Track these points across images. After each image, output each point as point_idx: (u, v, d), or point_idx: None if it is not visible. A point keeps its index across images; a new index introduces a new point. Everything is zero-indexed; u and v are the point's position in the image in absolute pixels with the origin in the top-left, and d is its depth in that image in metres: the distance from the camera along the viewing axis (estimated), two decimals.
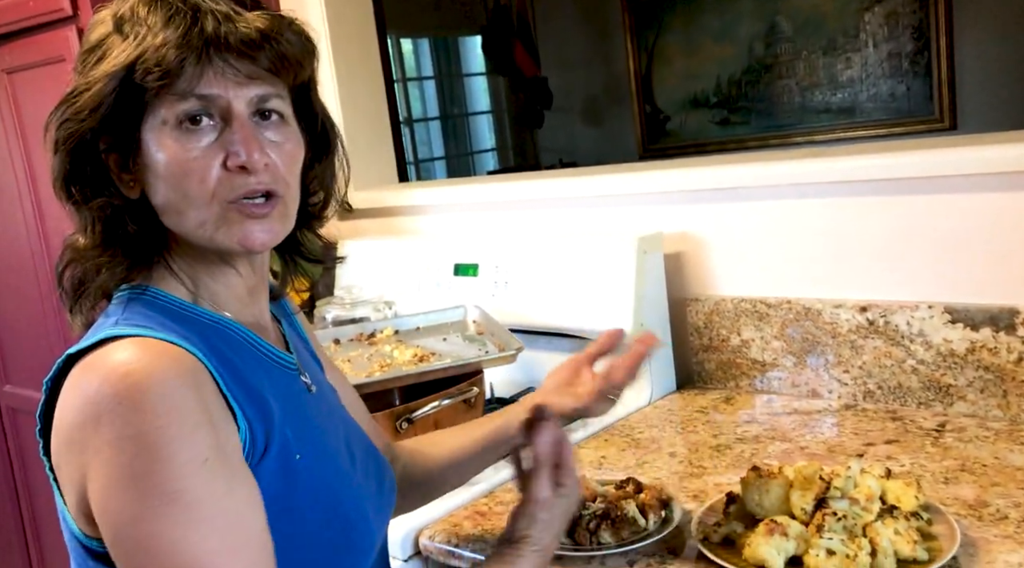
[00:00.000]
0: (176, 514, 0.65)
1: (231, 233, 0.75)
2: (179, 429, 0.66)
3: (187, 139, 0.73)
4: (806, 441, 1.30)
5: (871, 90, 3.92)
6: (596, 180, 1.72)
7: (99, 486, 0.67)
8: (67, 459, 0.70)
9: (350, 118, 2.11)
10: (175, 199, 0.74)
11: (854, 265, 1.43)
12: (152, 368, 0.67)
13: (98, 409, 0.66)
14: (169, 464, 0.65)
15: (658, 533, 1.05)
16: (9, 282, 2.22)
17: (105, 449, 0.66)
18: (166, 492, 0.65)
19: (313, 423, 0.82)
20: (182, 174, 0.73)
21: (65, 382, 0.71)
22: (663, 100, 4.55)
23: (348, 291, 1.80)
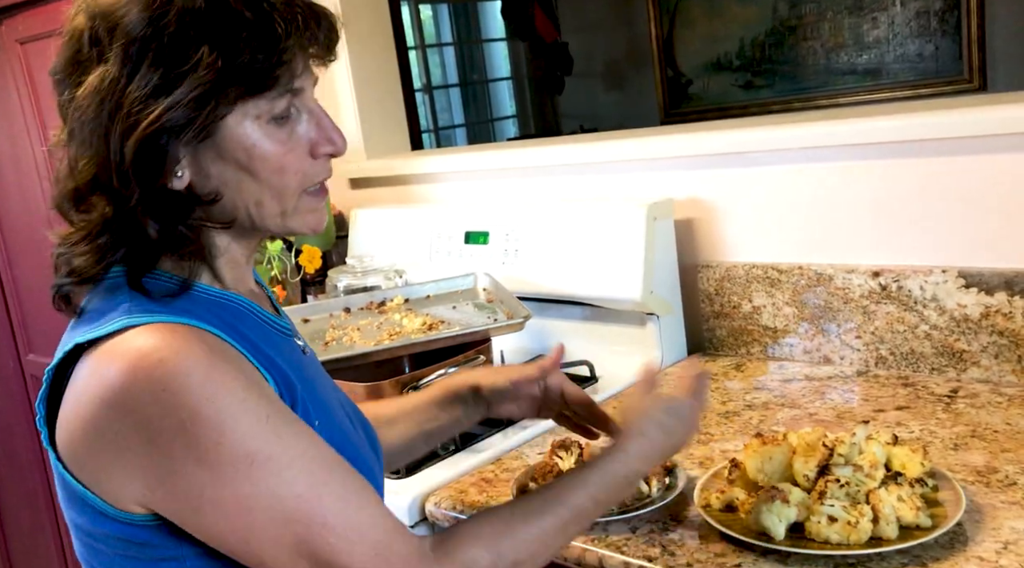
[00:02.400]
0: (258, 473, 0.68)
1: (305, 220, 0.77)
2: (232, 398, 0.68)
3: (280, 133, 0.73)
4: (815, 407, 1.29)
5: (898, 50, 3.83)
6: (606, 146, 1.70)
7: (165, 473, 0.67)
8: (95, 453, 0.69)
9: (362, 86, 2.09)
10: (261, 192, 0.74)
11: (866, 230, 1.41)
12: (185, 350, 0.67)
13: (136, 400, 0.66)
14: (235, 433, 0.67)
15: (661, 500, 1.05)
16: (29, 253, 2.25)
17: (161, 437, 0.66)
18: (242, 457, 0.67)
19: (317, 386, 0.83)
20: (278, 168, 0.73)
21: (77, 372, 0.70)
22: (685, 64, 4.48)
23: (359, 260, 1.80)
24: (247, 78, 0.70)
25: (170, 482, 0.68)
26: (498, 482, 1.19)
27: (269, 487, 0.68)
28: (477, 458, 1.26)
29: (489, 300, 1.57)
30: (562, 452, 1.15)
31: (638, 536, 1.00)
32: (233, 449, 0.67)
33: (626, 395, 1.00)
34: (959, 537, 0.91)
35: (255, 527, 0.68)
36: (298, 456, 0.70)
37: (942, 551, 0.89)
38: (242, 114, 0.71)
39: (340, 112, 2.13)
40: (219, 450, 0.67)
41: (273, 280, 1.88)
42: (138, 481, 0.69)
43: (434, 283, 1.65)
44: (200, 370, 0.67)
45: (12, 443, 2.37)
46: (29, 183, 2.16)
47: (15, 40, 2.02)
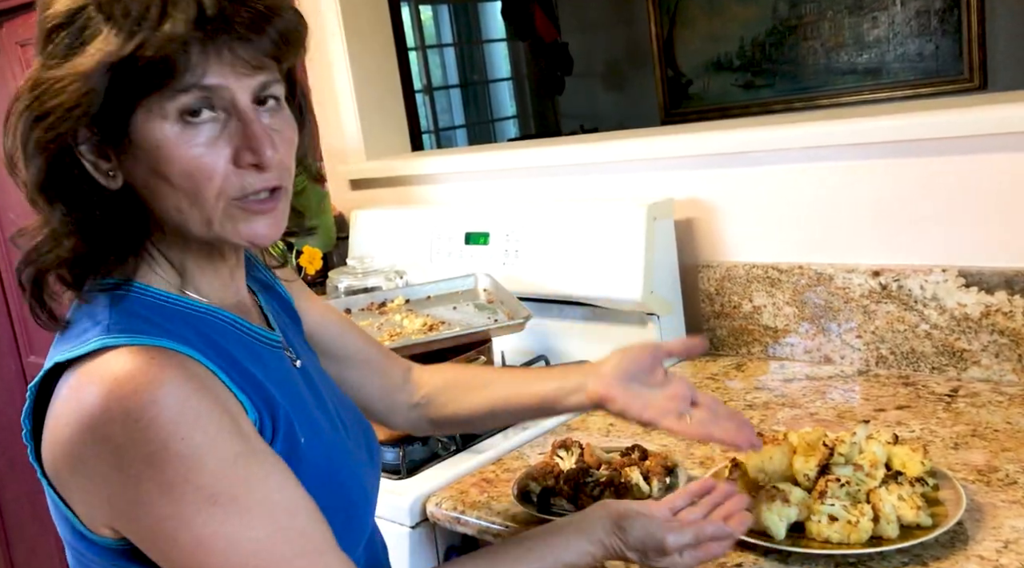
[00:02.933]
0: (219, 515, 0.66)
1: (237, 230, 0.72)
2: (203, 435, 0.66)
3: (189, 134, 0.68)
4: (816, 407, 1.29)
5: (898, 50, 3.83)
6: (606, 146, 1.70)
7: (130, 502, 0.66)
8: (72, 474, 0.69)
9: (361, 87, 2.10)
10: (177, 197, 0.70)
11: (867, 229, 1.41)
12: (160, 379, 0.66)
13: (110, 428, 0.65)
14: (202, 471, 0.66)
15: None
16: None
17: (130, 467, 0.65)
18: (205, 497, 0.66)
19: (305, 401, 0.82)
20: (187, 173, 0.69)
21: (58, 390, 0.69)
22: (685, 63, 4.48)
23: (360, 261, 1.80)
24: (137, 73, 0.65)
25: (134, 511, 0.67)
26: (499, 482, 1.19)
27: (227, 530, 0.66)
28: (478, 458, 1.26)
29: (490, 301, 1.58)
30: (563, 452, 1.15)
31: None
32: (197, 488, 0.65)
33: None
34: (960, 536, 0.91)
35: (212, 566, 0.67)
36: (260, 500, 0.68)
37: (943, 550, 0.89)
38: (147, 111, 0.67)
39: (340, 113, 2.13)
40: (184, 487, 0.65)
41: None
42: (107, 506, 0.68)
43: (434, 284, 1.65)
44: (173, 403, 0.65)
45: (13, 443, 2.38)
46: None
47: (15, 42, 2.02)
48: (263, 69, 0.70)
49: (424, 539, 1.19)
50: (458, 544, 1.20)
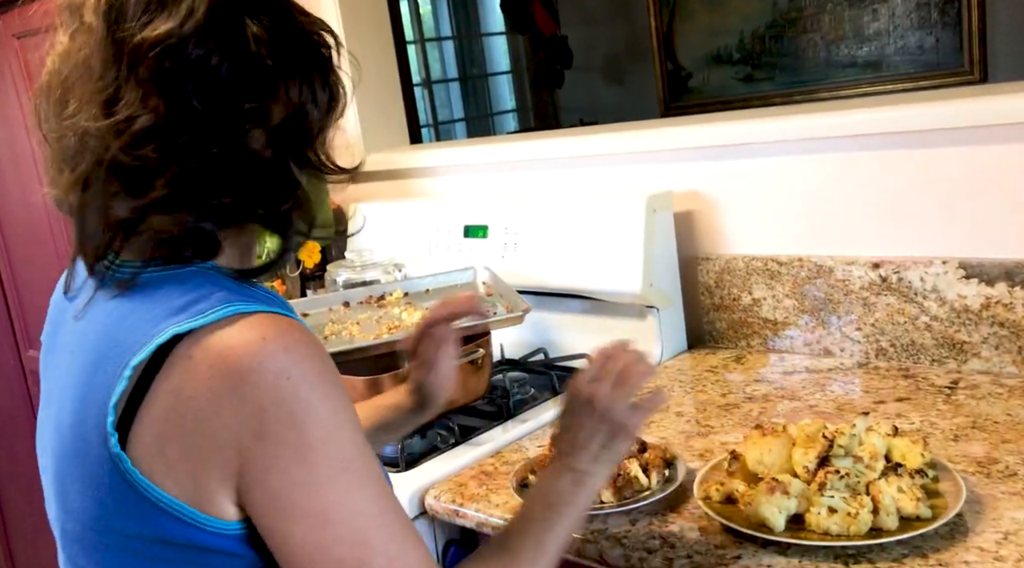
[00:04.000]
0: (348, 483, 0.67)
1: None
2: (340, 402, 0.67)
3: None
4: (816, 399, 1.29)
5: (898, 43, 3.82)
6: (605, 138, 1.70)
7: (262, 468, 0.65)
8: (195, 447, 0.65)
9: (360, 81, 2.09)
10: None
11: (867, 221, 1.40)
12: (306, 341, 0.67)
13: (258, 389, 0.64)
14: (341, 436, 0.67)
15: (660, 492, 1.05)
16: (29, 249, 2.25)
17: (277, 426, 0.64)
18: (339, 463, 0.66)
19: None
20: None
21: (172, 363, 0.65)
22: (685, 57, 4.46)
23: (359, 254, 1.79)
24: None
25: (266, 478, 0.65)
26: (498, 475, 1.18)
27: (353, 499, 0.67)
28: (477, 451, 1.26)
29: (488, 294, 1.57)
30: None
31: (638, 528, 1.00)
32: (335, 452, 0.66)
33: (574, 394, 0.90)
34: (959, 528, 0.90)
35: (326, 540, 0.66)
36: (376, 475, 0.69)
37: (942, 542, 0.88)
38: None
39: None
40: (323, 450, 0.66)
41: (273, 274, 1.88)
42: (234, 479, 0.66)
43: (433, 277, 1.65)
44: (318, 366, 0.66)
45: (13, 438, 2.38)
46: (27, 179, 2.15)
47: (12, 35, 2.02)
48: None
49: (423, 532, 1.18)
50: (457, 537, 1.20)
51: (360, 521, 0.67)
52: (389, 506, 0.70)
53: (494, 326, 1.41)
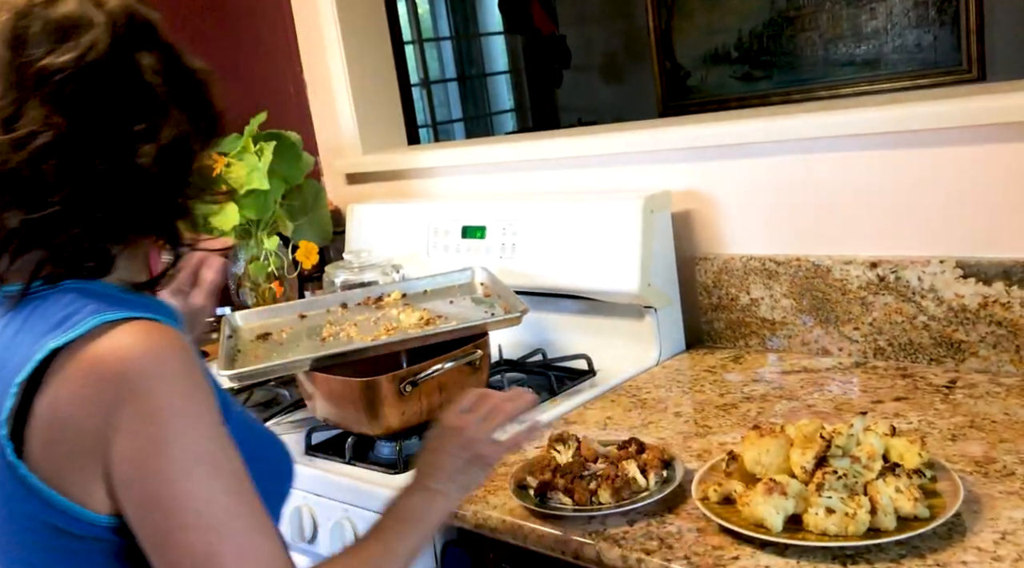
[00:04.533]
0: (204, 474, 0.73)
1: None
2: (203, 397, 0.74)
3: None
4: (813, 399, 1.29)
5: (896, 41, 3.81)
6: (602, 139, 1.70)
7: (131, 456, 0.72)
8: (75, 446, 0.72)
9: (358, 81, 2.09)
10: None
11: (864, 221, 1.40)
12: (164, 345, 0.73)
13: (121, 390, 0.71)
14: (197, 429, 0.73)
15: (658, 493, 1.05)
16: None
17: (136, 421, 0.71)
18: (195, 455, 0.73)
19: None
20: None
21: (51, 376, 0.72)
22: (683, 56, 4.46)
23: (356, 255, 1.79)
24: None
25: (126, 470, 0.72)
26: (495, 476, 1.18)
27: (206, 490, 0.73)
28: None
29: (487, 294, 1.57)
30: (559, 446, 1.15)
31: (636, 529, 1.00)
32: (191, 445, 0.72)
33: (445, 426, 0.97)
34: (957, 528, 0.90)
35: (178, 527, 0.72)
36: (234, 467, 0.75)
37: (940, 542, 0.88)
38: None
39: (336, 107, 2.12)
40: (179, 443, 0.72)
41: (270, 276, 1.88)
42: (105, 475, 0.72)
43: (431, 278, 1.65)
44: (178, 366, 0.73)
45: None
46: None
47: None
48: None
49: None
50: (455, 538, 1.20)
51: (211, 510, 0.73)
52: (243, 499, 0.75)
53: (492, 327, 1.41)
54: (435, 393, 1.31)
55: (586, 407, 1.39)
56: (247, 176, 1.77)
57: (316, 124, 2.18)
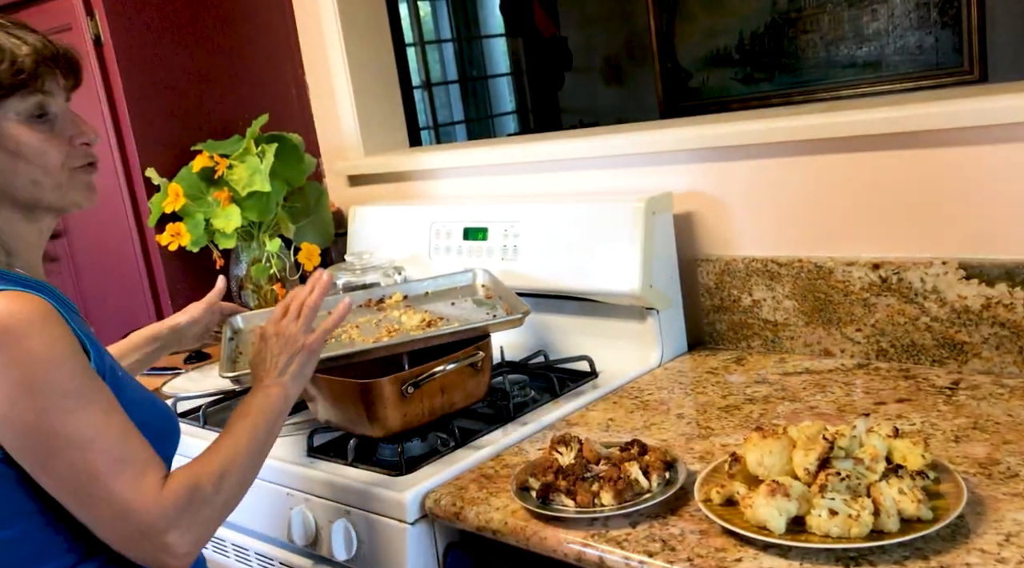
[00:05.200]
0: (71, 405, 0.89)
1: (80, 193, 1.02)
2: (63, 347, 0.90)
3: (40, 127, 0.97)
4: (816, 401, 1.29)
5: (898, 42, 3.81)
6: (604, 141, 1.70)
7: (3, 398, 0.87)
8: None
9: (359, 83, 2.09)
10: (31, 171, 0.97)
11: (866, 222, 1.40)
12: (28, 307, 0.89)
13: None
14: (59, 371, 0.89)
15: (661, 495, 1.04)
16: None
17: (4, 370, 0.86)
18: (61, 391, 0.89)
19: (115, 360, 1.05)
20: (42, 152, 0.97)
21: None
22: (685, 57, 4.46)
23: (359, 257, 1.80)
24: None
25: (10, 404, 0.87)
26: (498, 478, 1.18)
27: (76, 417, 0.89)
28: (477, 454, 1.26)
29: (488, 296, 1.57)
30: (562, 448, 1.15)
31: (638, 531, 1.00)
32: (58, 382, 0.88)
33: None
34: (961, 529, 0.90)
35: (57, 449, 0.89)
36: (100, 399, 0.91)
37: (944, 544, 0.88)
38: (3, 113, 0.94)
39: (338, 109, 2.12)
40: (48, 382, 0.88)
41: (272, 278, 1.88)
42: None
43: (432, 280, 1.65)
44: (41, 322, 0.89)
45: None
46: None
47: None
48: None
49: (423, 535, 1.18)
50: (457, 540, 1.20)
51: (82, 432, 0.89)
52: (112, 420, 0.91)
53: (493, 328, 1.41)
54: (437, 395, 1.31)
55: (588, 409, 1.39)
56: (249, 178, 1.77)
57: (318, 126, 2.18)
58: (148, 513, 0.91)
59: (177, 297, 1.97)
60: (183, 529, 0.92)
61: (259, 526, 1.38)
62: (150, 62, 1.91)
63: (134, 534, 0.92)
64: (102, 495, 0.90)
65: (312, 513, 1.27)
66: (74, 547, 0.95)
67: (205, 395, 1.58)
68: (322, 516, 1.26)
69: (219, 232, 1.79)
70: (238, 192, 1.78)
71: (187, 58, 1.96)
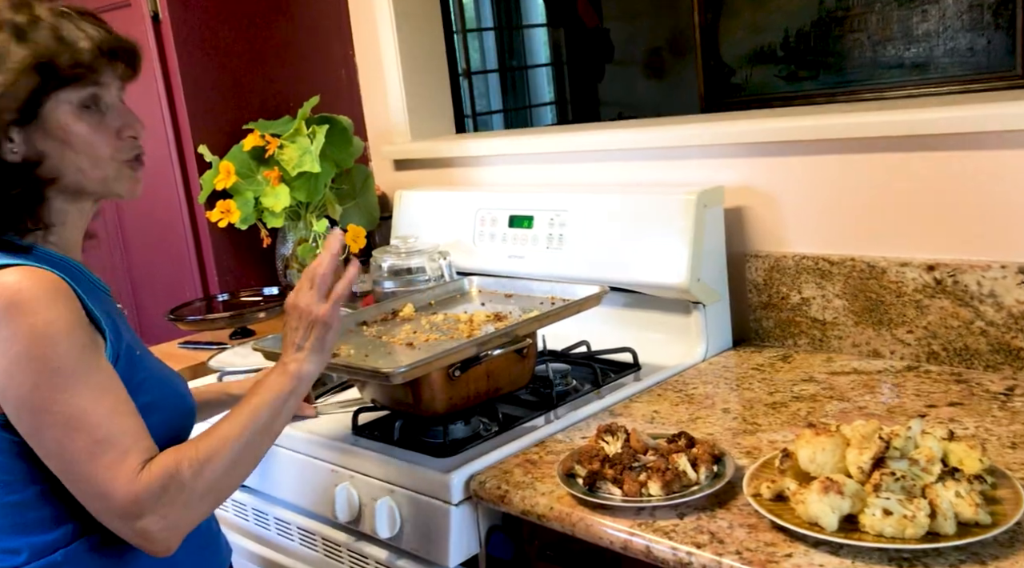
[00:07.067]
0: (62, 382, 0.90)
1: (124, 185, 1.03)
2: (64, 325, 0.91)
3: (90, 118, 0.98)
4: (865, 401, 1.28)
5: (948, 44, 3.74)
6: (655, 132, 1.69)
7: (6, 377, 0.89)
8: None
9: (409, 68, 2.10)
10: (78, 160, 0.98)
11: (922, 223, 1.38)
12: (38, 283, 0.91)
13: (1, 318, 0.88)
14: (57, 347, 0.90)
15: (709, 487, 1.04)
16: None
17: (5, 342, 0.89)
18: (55, 367, 0.90)
19: (132, 332, 1.07)
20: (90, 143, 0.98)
21: None
22: (728, 53, 4.42)
23: (404, 241, 1.80)
24: (56, 74, 0.94)
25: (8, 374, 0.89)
26: (542, 464, 1.19)
27: (65, 395, 0.90)
28: (521, 441, 1.26)
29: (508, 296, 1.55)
30: (608, 436, 1.15)
31: (686, 523, 1.00)
32: (51, 358, 0.89)
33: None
34: (1019, 536, 0.89)
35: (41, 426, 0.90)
36: (95, 381, 0.92)
37: (1002, 549, 0.87)
38: (56, 102, 0.95)
39: (387, 94, 2.13)
40: (43, 358, 0.89)
41: None
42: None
43: (430, 291, 1.59)
44: (46, 298, 0.90)
45: None
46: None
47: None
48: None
49: (466, 517, 1.19)
50: (500, 523, 1.20)
51: (69, 410, 0.90)
52: (102, 401, 0.91)
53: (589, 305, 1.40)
54: (483, 379, 1.32)
55: (632, 400, 1.38)
56: (299, 158, 1.78)
57: (366, 109, 2.19)
58: (122, 498, 0.91)
59: (224, 274, 1.99)
60: (159, 515, 0.91)
61: (303, 501, 1.39)
62: (206, 41, 1.93)
63: (112, 517, 0.92)
64: (81, 475, 0.91)
65: (356, 490, 1.28)
66: (74, 518, 0.97)
67: (251, 370, 1.60)
68: (366, 494, 1.27)
69: (268, 211, 1.80)
70: (288, 172, 1.79)
71: (241, 38, 1.98)
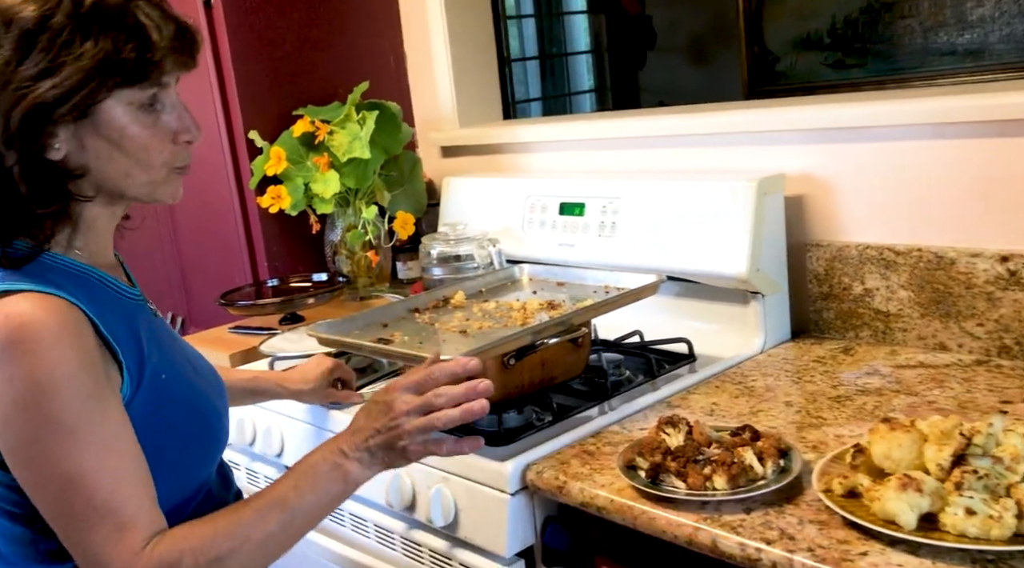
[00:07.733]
0: (61, 438, 0.82)
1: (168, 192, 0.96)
2: (68, 368, 0.83)
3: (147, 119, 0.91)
4: (934, 396, 1.24)
5: (1004, 30, 3.63)
6: (709, 118, 1.65)
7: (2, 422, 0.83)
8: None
9: (458, 54, 2.08)
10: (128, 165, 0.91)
11: (995, 212, 1.33)
12: (43, 319, 0.83)
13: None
14: (56, 398, 0.82)
15: (776, 482, 1.01)
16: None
17: (3, 383, 0.82)
18: (53, 420, 0.82)
19: (164, 342, 0.99)
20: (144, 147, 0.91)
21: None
22: (772, 40, 4.33)
23: (452, 228, 1.79)
24: (122, 71, 0.86)
25: (4, 422, 0.83)
26: (600, 455, 1.17)
27: (63, 452, 0.82)
28: (577, 431, 1.24)
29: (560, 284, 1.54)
30: (669, 428, 1.13)
31: (753, 517, 0.97)
32: (51, 410, 0.82)
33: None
34: None
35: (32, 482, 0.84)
36: (97, 437, 0.84)
37: None
38: (116, 100, 0.88)
39: (435, 80, 2.11)
40: (41, 408, 0.82)
41: (367, 244, 1.89)
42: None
43: (481, 278, 1.58)
44: (49, 338, 0.82)
45: None
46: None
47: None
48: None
49: (522, 507, 1.17)
50: (555, 514, 1.19)
51: (69, 469, 0.83)
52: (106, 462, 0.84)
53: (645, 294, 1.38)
54: (537, 368, 1.30)
55: (689, 392, 1.36)
56: (349, 144, 1.77)
57: (414, 96, 2.18)
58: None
59: (273, 259, 1.99)
60: None
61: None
62: (257, 26, 1.93)
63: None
64: (76, 538, 0.85)
65: (410, 478, 1.27)
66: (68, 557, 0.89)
67: (303, 356, 1.59)
68: (420, 481, 1.26)
69: (317, 197, 1.80)
70: (338, 158, 1.79)
71: (291, 24, 1.98)
